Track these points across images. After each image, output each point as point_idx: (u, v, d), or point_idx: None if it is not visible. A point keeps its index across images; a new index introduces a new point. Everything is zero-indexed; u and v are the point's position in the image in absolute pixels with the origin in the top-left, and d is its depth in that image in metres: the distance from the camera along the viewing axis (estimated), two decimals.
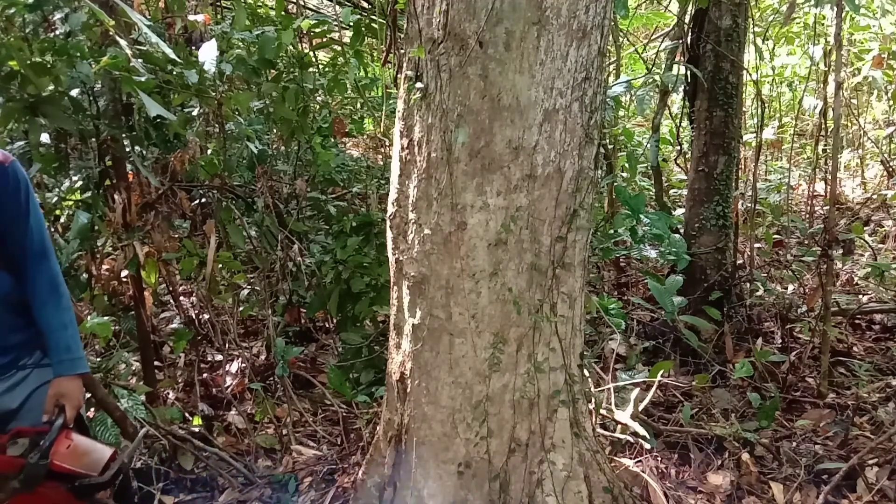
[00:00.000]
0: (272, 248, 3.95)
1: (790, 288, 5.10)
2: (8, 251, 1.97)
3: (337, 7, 4.39)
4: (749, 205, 5.04)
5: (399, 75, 2.29)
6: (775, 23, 6.03)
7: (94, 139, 3.16)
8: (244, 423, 3.44)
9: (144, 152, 3.46)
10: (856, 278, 5.40)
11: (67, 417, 1.97)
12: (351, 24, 3.99)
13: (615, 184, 4.71)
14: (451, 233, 2.13)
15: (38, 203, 2.03)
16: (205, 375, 3.88)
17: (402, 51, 2.26)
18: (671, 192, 6.80)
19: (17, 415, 2.02)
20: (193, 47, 3.62)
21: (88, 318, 3.06)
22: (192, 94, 3.35)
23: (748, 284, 4.68)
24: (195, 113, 3.65)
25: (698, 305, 4.20)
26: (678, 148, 5.11)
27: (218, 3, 5.02)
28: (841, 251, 5.27)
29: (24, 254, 1.99)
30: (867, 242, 5.74)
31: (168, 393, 3.61)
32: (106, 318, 3.34)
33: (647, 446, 2.97)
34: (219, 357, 4.02)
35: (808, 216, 6.67)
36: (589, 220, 2.24)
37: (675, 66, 4.59)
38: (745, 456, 3.04)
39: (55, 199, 3.31)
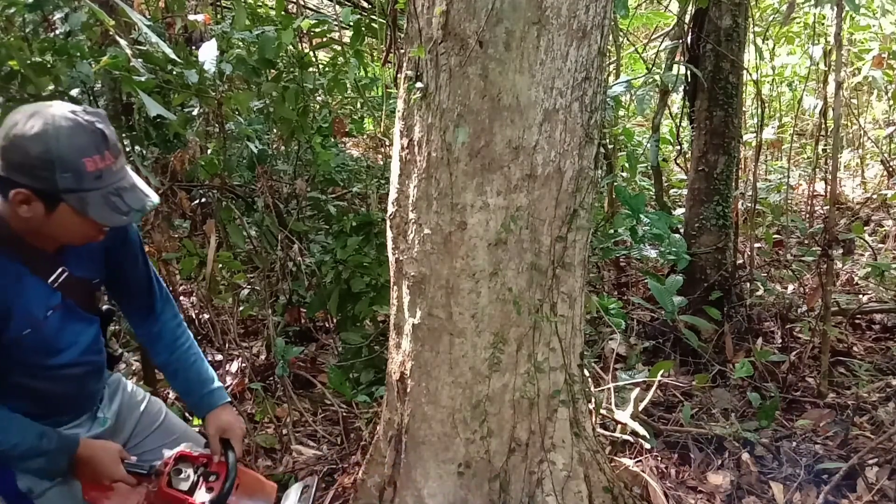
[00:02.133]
0: (272, 247, 3.95)
1: (790, 288, 5.10)
2: (116, 298, 1.96)
3: (337, 7, 4.39)
4: (749, 204, 5.04)
5: (399, 75, 2.28)
6: (775, 22, 6.03)
7: None
8: (244, 422, 3.44)
9: (144, 152, 3.46)
10: (856, 278, 5.41)
11: (238, 453, 1.86)
12: (351, 23, 3.98)
13: (615, 184, 4.71)
14: (451, 233, 2.13)
15: None
16: None
17: (402, 51, 2.26)
18: (671, 191, 6.79)
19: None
20: (193, 47, 3.62)
21: None
22: (192, 94, 3.35)
23: (748, 284, 4.68)
24: (195, 113, 3.66)
25: (698, 305, 4.20)
26: (678, 148, 5.11)
27: (218, 3, 5.02)
28: (841, 251, 5.27)
29: (153, 298, 1.96)
30: (867, 242, 5.74)
31: (168, 393, 3.61)
32: None
33: (647, 446, 2.97)
34: (219, 357, 4.01)
35: (808, 216, 6.67)
36: (589, 220, 2.24)
37: (675, 66, 4.59)
38: (745, 456, 3.04)
39: None
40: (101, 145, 1.47)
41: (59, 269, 1.68)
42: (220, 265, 3.77)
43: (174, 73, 3.13)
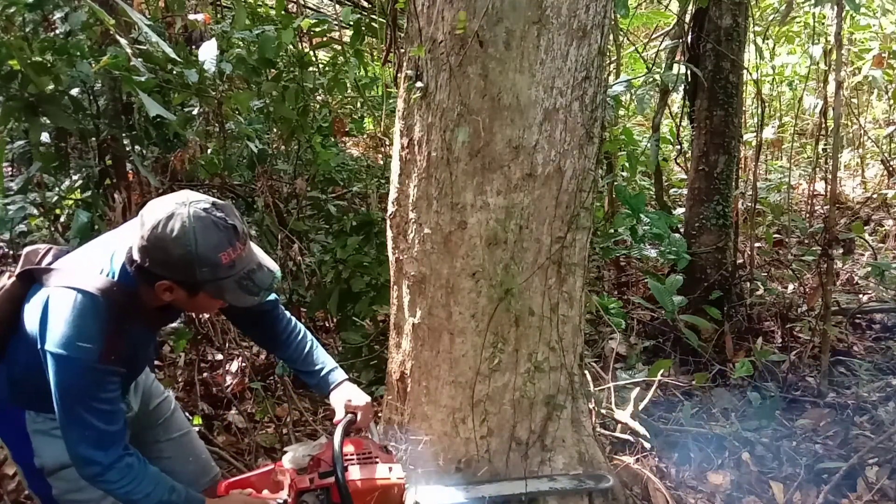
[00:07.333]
0: (272, 247, 3.95)
1: (790, 287, 5.10)
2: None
3: (337, 6, 4.38)
4: (749, 204, 5.04)
5: (399, 75, 2.28)
6: (775, 22, 6.03)
7: (94, 138, 3.16)
8: (244, 422, 3.44)
9: (144, 152, 3.46)
10: (856, 278, 5.41)
11: (364, 422, 1.94)
12: (351, 23, 3.98)
13: (615, 184, 4.71)
14: (451, 232, 2.12)
15: None
16: (205, 375, 3.88)
17: (402, 50, 2.26)
18: (671, 191, 6.79)
19: None
20: (193, 47, 3.61)
21: None
22: (192, 94, 3.35)
23: (748, 284, 4.68)
24: (195, 112, 3.65)
25: (698, 305, 4.20)
26: (678, 147, 5.11)
27: (218, 3, 5.01)
28: (841, 250, 5.27)
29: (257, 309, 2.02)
30: (867, 242, 5.74)
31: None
32: None
33: (647, 445, 2.97)
34: (219, 356, 4.01)
35: (808, 215, 6.67)
36: (589, 220, 2.24)
37: (675, 66, 4.59)
38: (745, 455, 3.04)
39: (55, 198, 3.31)
40: (232, 239, 1.62)
41: (170, 320, 1.94)
42: None
43: (174, 72, 3.13)
